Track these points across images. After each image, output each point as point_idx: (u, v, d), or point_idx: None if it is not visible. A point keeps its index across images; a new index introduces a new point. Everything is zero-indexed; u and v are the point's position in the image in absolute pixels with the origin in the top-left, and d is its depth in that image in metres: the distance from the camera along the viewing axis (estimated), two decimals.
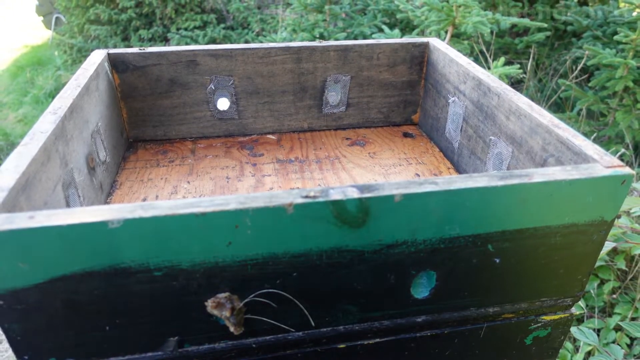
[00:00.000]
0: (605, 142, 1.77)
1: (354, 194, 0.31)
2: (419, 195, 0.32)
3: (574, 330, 0.85)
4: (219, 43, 2.94)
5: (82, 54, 3.01)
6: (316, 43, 0.64)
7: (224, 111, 0.66)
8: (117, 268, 0.30)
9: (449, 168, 0.61)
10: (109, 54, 0.59)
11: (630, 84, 1.62)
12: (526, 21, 1.82)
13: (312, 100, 0.68)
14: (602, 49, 1.71)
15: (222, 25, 3.09)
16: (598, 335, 1.05)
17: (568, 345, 0.99)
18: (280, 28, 2.58)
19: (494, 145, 0.52)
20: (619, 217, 1.11)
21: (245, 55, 0.62)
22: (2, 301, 0.30)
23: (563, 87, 1.85)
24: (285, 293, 0.34)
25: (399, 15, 2.07)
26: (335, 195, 0.31)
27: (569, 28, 2.11)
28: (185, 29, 2.99)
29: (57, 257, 0.29)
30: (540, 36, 2.03)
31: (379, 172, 0.60)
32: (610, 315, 1.14)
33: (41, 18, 3.63)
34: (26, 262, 0.29)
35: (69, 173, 0.43)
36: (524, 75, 2.12)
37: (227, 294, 0.33)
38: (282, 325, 0.36)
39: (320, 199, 0.30)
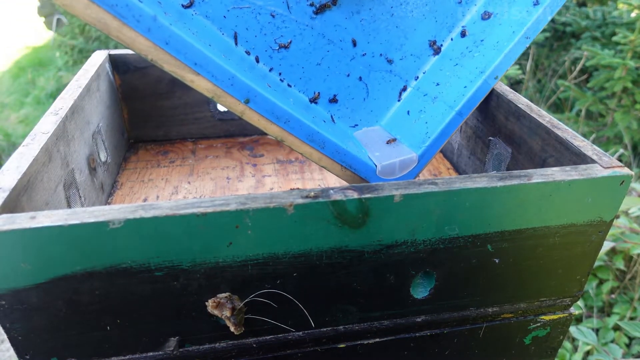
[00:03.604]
0: (604, 143, 1.77)
1: (354, 194, 0.31)
2: (418, 196, 0.32)
3: (572, 329, 0.85)
4: None
5: (83, 55, 3.01)
6: None
7: (224, 112, 0.66)
8: (118, 268, 0.30)
9: (448, 168, 0.61)
10: (110, 55, 0.59)
11: (629, 85, 1.62)
12: None
13: None
14: (601, 50, 1.71)
15: None
16: (597, 334, 1.05)
17: (567, 344, 0.99)
18: None
19: (493, 146, 0.52)
20: (617, 217, 1.12)
21: None
22: (4, 301, 0.30)
23: (562, 88, 1.85)
24: (286, 293, 0.34)
25: None
26: (336, 196, 0.31)
27: (568, 29, 2.11)
28: None
29: (58, 257, 0.29)
30: (539, 37, 2.03)
31: None
32: (608, 315, 1.14)
33: (43, 19, 3.63)
34: (27, 262, 0.29)
35: (70, 173, 0.43)
36: (523, 76, 2.13)
37: (227, 294, 0.33)
38: (282, 325, 0.36)
39: (321, 200, 0.31)
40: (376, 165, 0.42)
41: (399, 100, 0.48)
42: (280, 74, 0.43)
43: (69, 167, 0.43)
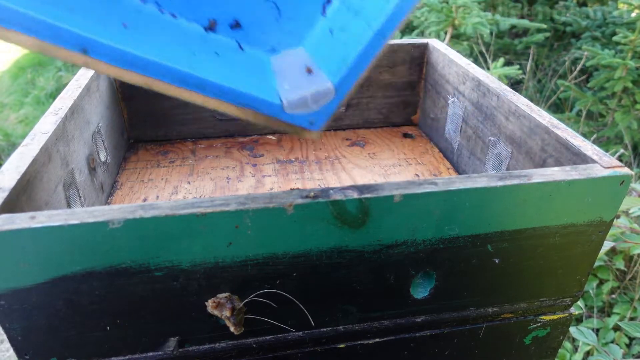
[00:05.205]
0: (604, 143, 1.77)
1: (354, 194, 0.31)
2: (418, 196, 0.32)
3: (573, 330, 0.85)
4: None
5: None
6: None
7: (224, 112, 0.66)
8: (117, 268, 0.30)
9: (448, 168, 0.61)
10: None
11: (629, 85, 1.62)
12: (525, 22, 1.82)
13: None
14: (601, 50, 1.71)
15: None
16: (597, 335, 1.05)
17: (567, 345, 0.99)
18: None
19: (493, 146, 0.52)
20: (617, 217, 1.12)
21: None
22: (4, 301, 0.30)
23: (562, 88, 1.85)
24: (285, 293, 0.34)
25: None
26: (335, 196, 0.31)
27: (568, 29, 2.11)
28: None
29: (58, 257, 0.29)
30: (540, 37, 2.03)
31: (378, 172, 0.60)
32: (609, 315, 1.14)
33: None
34: (27, 262, 0.29)
35: (69, 173, 0.43)
36: (523, 76, 2.13)
37: (227, 294, 0.33)
38: (282, 325, 0.36)
39: (320, 200, 0.31)
40: (282, 101, 0.36)
41: (323, 16, 0.39)
42: (158, 4, 0.35)
43: (68, 167, 0.43)
